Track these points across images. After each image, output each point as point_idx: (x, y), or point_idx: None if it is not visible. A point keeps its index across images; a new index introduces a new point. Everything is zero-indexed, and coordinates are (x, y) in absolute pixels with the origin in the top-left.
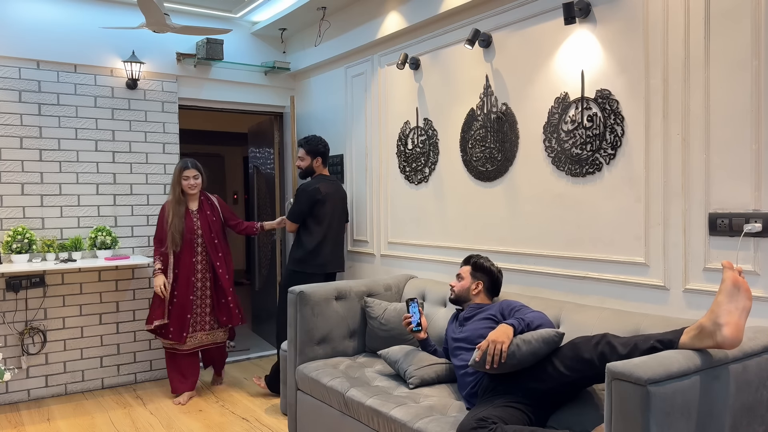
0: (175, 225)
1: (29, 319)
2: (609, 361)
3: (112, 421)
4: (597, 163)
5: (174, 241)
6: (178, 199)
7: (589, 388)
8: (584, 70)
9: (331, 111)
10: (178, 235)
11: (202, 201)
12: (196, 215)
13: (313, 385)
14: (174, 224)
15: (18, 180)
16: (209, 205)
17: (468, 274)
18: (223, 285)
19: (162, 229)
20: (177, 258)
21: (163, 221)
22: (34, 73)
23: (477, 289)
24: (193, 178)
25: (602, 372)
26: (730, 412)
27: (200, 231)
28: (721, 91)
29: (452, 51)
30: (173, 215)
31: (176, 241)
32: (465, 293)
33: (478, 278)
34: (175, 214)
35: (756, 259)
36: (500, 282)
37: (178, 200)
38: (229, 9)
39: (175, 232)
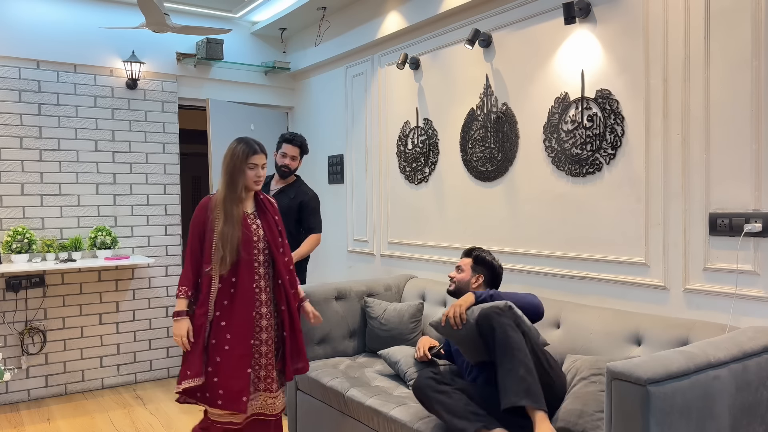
0: (229, 234)
1: (29, 319)
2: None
3: (112, 421)
4: (597, 163)
5: (227, 258)
6: (238, 196)
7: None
8: (584, 70)
9: (331, 111)
10: (233, 251)
11: (262, 199)
12: (255, 220)
13: (313, 385)
14: (225, 233)
15: (18, 180)
16: (270, 205)
17: (468, 266)
18: (295, 320)
19: (199, 240)
20: (227, 284)
21: (203, 228)
22: (34, 73)
23: (477, 282)
24: (261, 167)
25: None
26: (729, 412)
27: (264, 243)
28: (721, 91)
29: (452, 51)
30: (224, 220)
31: (230, 259)
32: (464, 286)
33: (479, 272)
34: (228, 219)
35: (756, 259)
36: (501, 276)
37: (234, 198)
38: (229, 9)
39: (229, 246)
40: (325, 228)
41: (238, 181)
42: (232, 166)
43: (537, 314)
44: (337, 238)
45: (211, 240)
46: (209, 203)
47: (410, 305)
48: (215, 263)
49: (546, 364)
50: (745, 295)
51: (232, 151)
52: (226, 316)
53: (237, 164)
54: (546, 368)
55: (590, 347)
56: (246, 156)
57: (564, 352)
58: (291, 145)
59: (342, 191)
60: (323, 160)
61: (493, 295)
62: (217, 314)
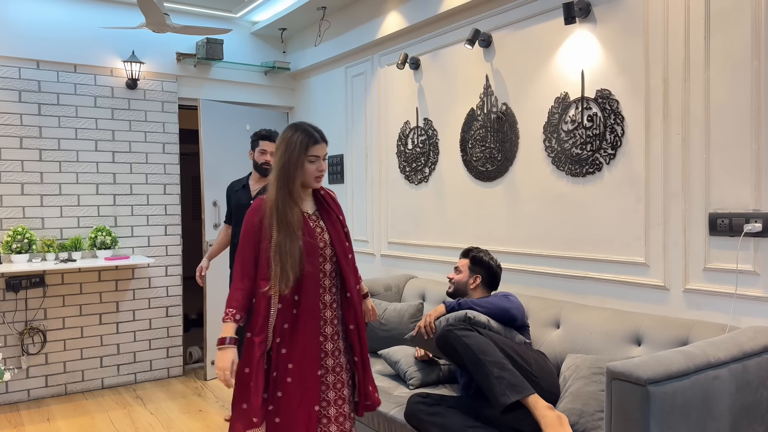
0: (288, 246)
1: (29, 319)
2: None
3: (112, 421)
4: (597, 163)
5: (288, 275)
6: (295, 197)
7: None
8: (584, 70)
9: (331, 111)
10: (295, 266)
11: (323, 195)
12: (318, 222)
13: None
14: (283, 244)
15: (18, 180)
16: (332, 201)
17: (466, 267)
18: (365, 342)
19: (252, 252)
20: (288, 304)
21: (257, 237)
22: (34, 73)
23: (475, 283)
24: (323, 159)
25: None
26: (729, 412)
27: (330, 249)
28: (721, 91)
29: (452, 51)
30: (280, 227)
31: (293, 276)
32: (463, 287)
33: (477, 272)
34: (284, 226)
35: (756, 259)
36: (499, 276)
37: (290, 199)
38: (229, 9)
39: (290, 260)
40: None
41: (294, 177)
42: (286, 159)
43: (509, 318)
44: None
45: (267, 253)
46: (261, 206)
47: (410, 305)
48: (274, 282)
49: (522, 361)
50: (745, 295)
51: (288, 140)
52: (287, 342)
53: (293, 157)
54: (522, 365)
55: (590, 347)
56: (306, 147)
57: (564, 352)
58: (269, 141)
59: (342, 191)
60: None
61: (461, 303)
62: (277, 341)
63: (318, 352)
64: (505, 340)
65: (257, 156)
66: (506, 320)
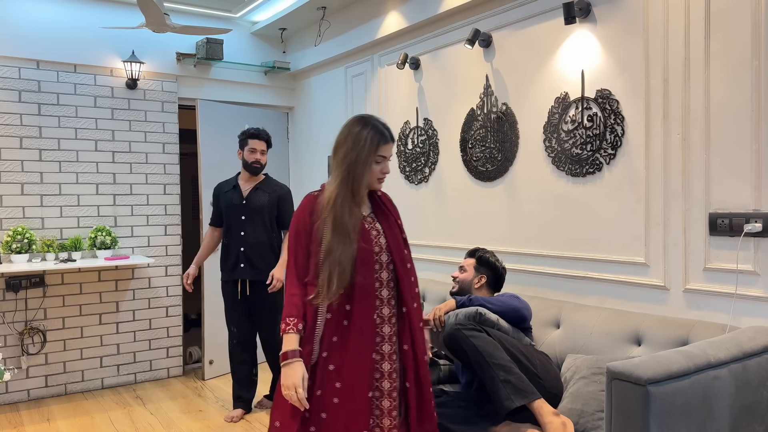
0: (338, 251)
1: (29, 319)
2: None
3: (111, 422)
4: (597, 163)
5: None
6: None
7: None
8: (584, 70)
9: (331, 111)
10: (343, 274)
11: (380, 196)
12: (374, 224)
13: None
14: (334, 249)
15: (18, 180)
16: (389, 203)
17: (472, 267)
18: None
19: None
20: (339, 314)
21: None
22: (34, 73)
23: (480, 283)
24: (389, 159)
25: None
26: (729, 412)
27: (387, 256)
28: (721, 91)
29: (452, 51)
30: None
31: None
32: (467, 286)
33: (482, 272)
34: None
35: (756, 259)
36: (503, 278)
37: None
38: (229, 9)
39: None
40: None
41: (361, 177)
42: (354, 156)
43: (519, 318)
44: None
45: (316, 256)
46: (314, 204)
47: None
48: (324, 288)
49: (528, 363)
50: (746, 295)
51: (356, 136)
52: (335, 357)
53: (363, 155)
54: (528, 367)
55: (590, 347)
56: (376, 145)
57: (564, 352)
58: (258, 140)
59: None
60: (323, 160)
61: (473, 299)
62: (324, 355)
63: (371, 372)
64: (513, 341)
65: (247, 155)
66: (516, 320)
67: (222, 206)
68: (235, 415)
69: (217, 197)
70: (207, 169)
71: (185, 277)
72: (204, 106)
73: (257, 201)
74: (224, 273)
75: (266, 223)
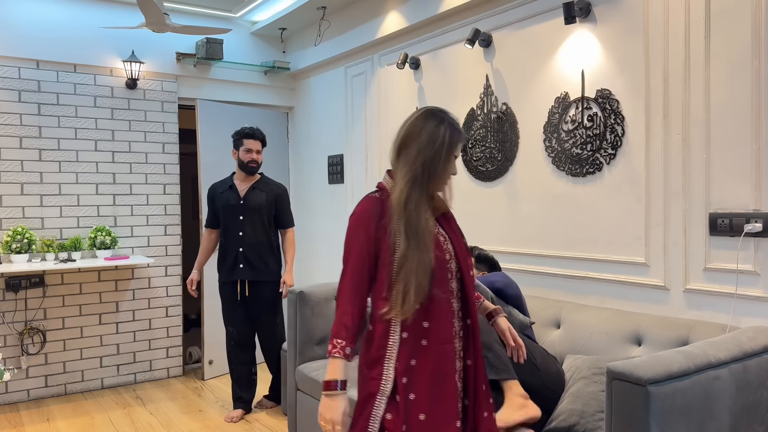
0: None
1: (29, 319)
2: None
3: (111, 422)
4: (597, 163)
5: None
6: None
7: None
8: (584, 70)
9: (331, 111)
10: (422, 287)
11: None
12: (440, 230)
13: (313, 385)
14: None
15: (18, 180)
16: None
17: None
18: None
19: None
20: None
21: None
22: (34, 72)
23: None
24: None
25: None
26: (730, 412)
27: (455, 264)
28: (721, 91)
29: (452, 51)
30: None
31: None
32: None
33: (481, 269)
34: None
35: (756, 259)
36: (498, 266)
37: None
38: (229, 9)
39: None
40: (325, 228)
41: (439, 177)
42: (431, 154)
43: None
44: (337, 238)
45: (388, 267)
46: (380, 206)
47: None
48: (399, 300)
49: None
50: (746, 295)
51: (432, 132)
52: (416, 384)
53: (442, 153)
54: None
55: (590, 347)
56: (454, 144)
57: (564, 352)
58: (253, 139)
59: (342, 191)
60: (323, 160)
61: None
62: (404, 381)
63: (457, 399)
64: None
65: (242, 155)
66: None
67: (218, 207)
68: (235, 416)
69: (213, 198)
70: (207, 169)
71: (189, 283)
72: (204, 106)
73: (255, 200)
74: (222, 274)
75: (264, 223)
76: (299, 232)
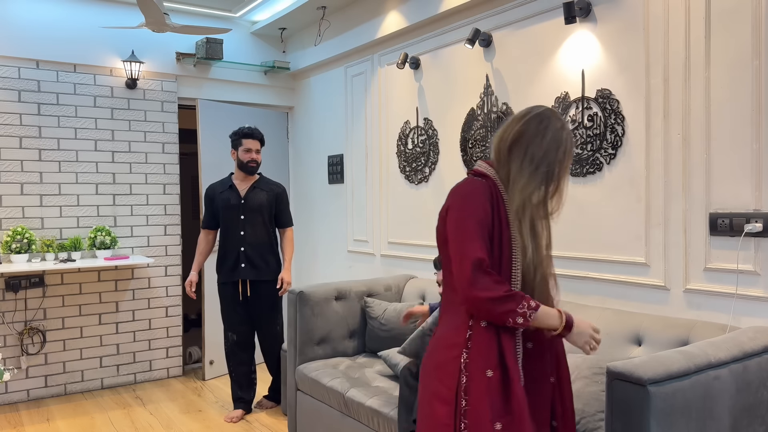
0: (537, 259)
1: (29, 319)
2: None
3: (111, 422)
4: (597, 163)
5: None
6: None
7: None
8: (585, 70)
9: (331, 111)
10: (546, 289)
11: None
12: None
13: (313, 385)
14: (534, 256)
15: (17, 180)
16: None
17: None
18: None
19: (486, 225)
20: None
21: (488, 230)
22: (34, 72)
23: None
24: None
25: None
26: (730, 412)
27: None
28: (721, 91)
29: (452, 50)
30: (532, 234)
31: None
32: None
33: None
34: (535, 233)
35: (756, 259)
36: None
37: (545, 206)
38: (229, 8)
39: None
40: (325, 228)
41: (561, 181)
42: (557, 156)
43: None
44: (337, 238)
45: (507, 250)
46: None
47: (410, 305)
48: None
49: None
50: (746, 295)
51: (556, 134)
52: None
53: (563, 156)
54: None
55: None
56: (572, 148)
57: None
58: (252, 139)
59: (342, 191)
60: (323, 160)
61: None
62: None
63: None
64: None
65: (242, 155)
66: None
67: (218, 207)
68: (235, 416)
69: (212, 199)
70: (207, 169)
71: (188, 285)
72: (204, 105)
73: (256, 200)
74: (222, 275)
75: (266, 222)
76: (299, 232)
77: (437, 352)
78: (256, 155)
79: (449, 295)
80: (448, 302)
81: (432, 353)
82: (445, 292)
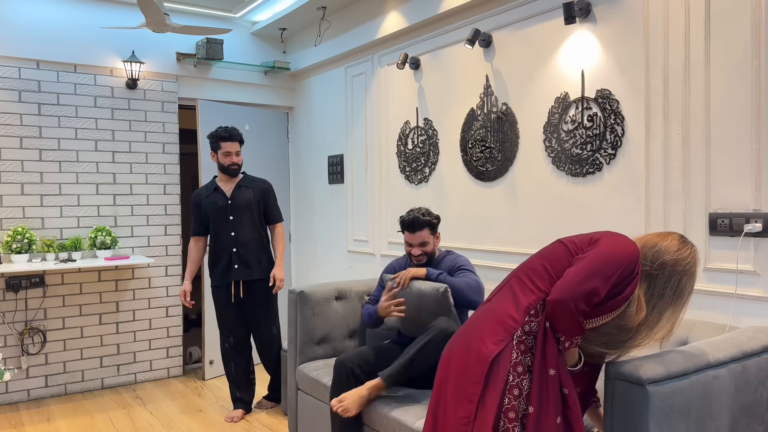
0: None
1: (29, 319)
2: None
3: (111, 422)
4: (597, 163)
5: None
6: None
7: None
8: (584, 70)
9: (331, 111)
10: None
11: None
12: None
13: (313, 385)
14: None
15: (18, 180)
16: None
17: (429, 235)
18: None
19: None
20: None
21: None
22: (34, 73)
23: (438, 241)
24: None
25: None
26: (729, 412)
27: None
28: (721, 91)
29: (452, 51)
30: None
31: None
32: (432, 253)
33: (435, 233)
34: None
35: (756, 259)
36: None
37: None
38: (229, 9)
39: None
40: (325, 228)
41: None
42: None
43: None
44: (337, 238)
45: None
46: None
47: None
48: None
49: None
50: (745, 295)
51: (684, 288)
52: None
53: (681, 313)
54: None
55: None
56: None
57: None
58: (231, 141)
59: (342, 191)
60: (323, 160)
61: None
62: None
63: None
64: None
65: (222, 158)
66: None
67: (207, 211)
68: (236, 416)
69: (199, 204)
70: (207, 169)
71: (182, 294)
72: (204, 106)
73: (243, 198)
74: (215, 278)
75: (255, 220)
76: (299, 232)
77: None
78: (236, 158)
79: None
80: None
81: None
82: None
